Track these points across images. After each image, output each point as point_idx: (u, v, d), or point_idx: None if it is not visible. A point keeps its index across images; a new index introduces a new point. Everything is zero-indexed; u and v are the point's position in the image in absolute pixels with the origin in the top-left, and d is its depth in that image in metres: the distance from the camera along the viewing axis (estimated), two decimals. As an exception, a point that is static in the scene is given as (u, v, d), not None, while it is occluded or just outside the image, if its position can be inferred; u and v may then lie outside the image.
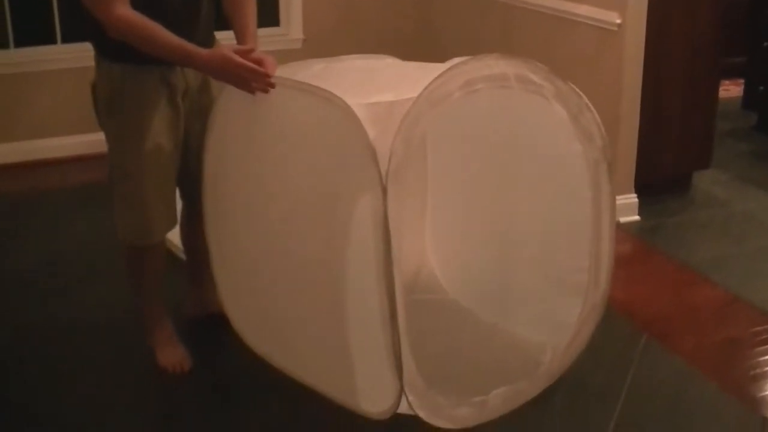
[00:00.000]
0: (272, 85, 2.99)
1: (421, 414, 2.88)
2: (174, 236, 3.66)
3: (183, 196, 3.53)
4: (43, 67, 5.79)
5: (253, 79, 2.99)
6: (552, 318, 3.33)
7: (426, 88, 2.73)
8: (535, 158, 3.30)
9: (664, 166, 5.24)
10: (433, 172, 3.81)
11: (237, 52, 3.00)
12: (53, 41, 5.84)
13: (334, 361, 3.04)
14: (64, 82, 5.72)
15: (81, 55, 3.28)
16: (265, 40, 3.24)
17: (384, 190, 2.63)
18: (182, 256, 3.89)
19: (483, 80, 2.95)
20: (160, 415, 3.35)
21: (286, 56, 3.31)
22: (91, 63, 3.24)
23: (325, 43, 6.30)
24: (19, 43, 5.80)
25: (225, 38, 3.34)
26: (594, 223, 3.18)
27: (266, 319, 3.34)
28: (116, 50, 3.07)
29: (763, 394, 3.41)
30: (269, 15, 6.23)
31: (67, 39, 5.79)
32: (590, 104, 3.10)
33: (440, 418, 2.95)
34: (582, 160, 3.12)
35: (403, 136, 2.68)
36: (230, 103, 3.15)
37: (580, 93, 3.08)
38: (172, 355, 3.52)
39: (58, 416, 3.30)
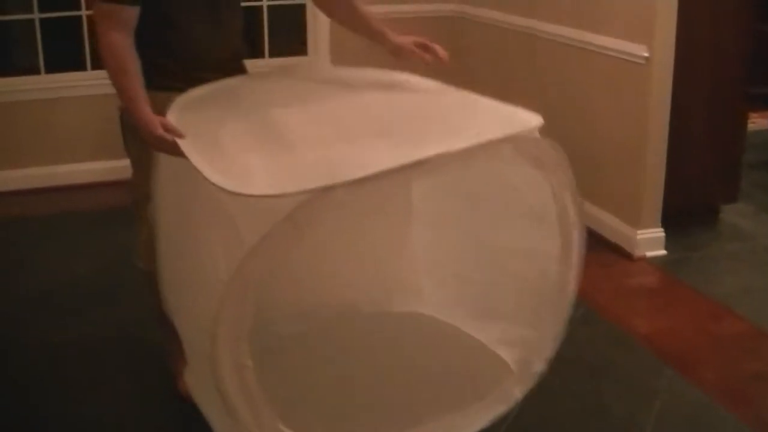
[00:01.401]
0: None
1: None
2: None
3: None
4: (73, 93, 5.85)
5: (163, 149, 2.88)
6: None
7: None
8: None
9: (691, 199, 5.23)
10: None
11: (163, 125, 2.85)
12: (83, 67, 5.90)
13: None
14: (93, 108, 5.77)
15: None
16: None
17: None
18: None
19: None
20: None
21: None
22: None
23: (353, 71, 6.34)
24: (50, 68, 5.87)
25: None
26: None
27: None
28: (155, 78, 3.05)
29: (788, 431, 3.39)
30: (297, 44, 6.26)
31: (96, 65, 5.84)
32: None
33: None
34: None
35: None
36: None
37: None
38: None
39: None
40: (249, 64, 3.36)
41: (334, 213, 2.37)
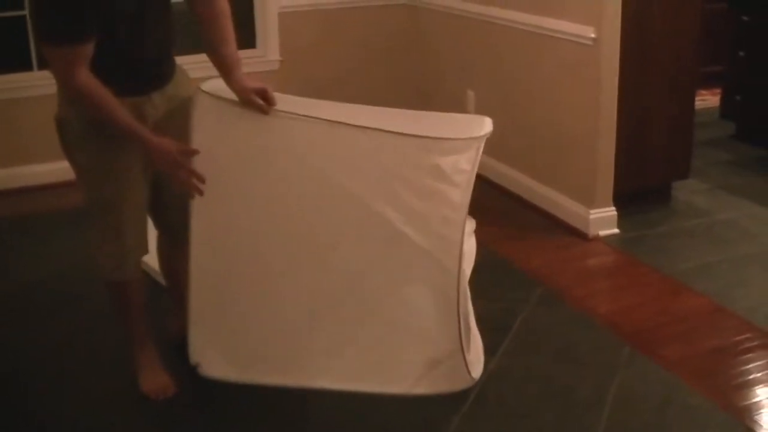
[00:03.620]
0: (200, 193, 3.07)
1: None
2: (152, 260, 3.64)
3: (159, 225, 3.53)
4: (21, 94, 5.78)
5: (185, 179, 3.06)
6: None
7: None
8: None
9: (643, 177, 5.26)
10: None
11: (180, 151, 3.05)
12: (29, 68, 5.83)
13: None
14: (41, 109, 5.68)
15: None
16: (243, 62, 3.23)
17: None
18: (161, 280, 3.87)
19: None
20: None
21: (264, 78, 3.33)
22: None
23: (303, 64, 6.34)
24: (-5, 70, 5.80)
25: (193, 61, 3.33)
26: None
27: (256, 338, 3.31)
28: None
29: (748, 402, 3.41)
30: (246, 37, 6.22)
31: (43, 65, 5.76)
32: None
33: None
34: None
35: None
36: (210, 127, 3.15)
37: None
38: (156, 381, 3.50)
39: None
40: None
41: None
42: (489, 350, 3.71)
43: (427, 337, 3.22)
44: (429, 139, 3.13)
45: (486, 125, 3.29)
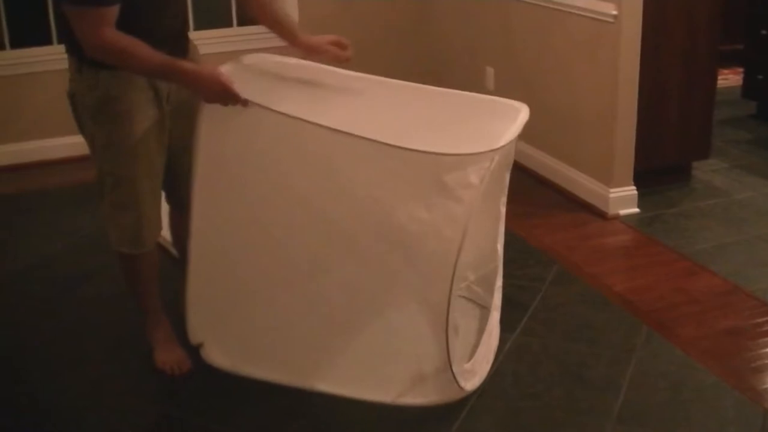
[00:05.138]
0: (245, 104, 2.98)
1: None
2: (165, 232, 3.65)
3: (170, 198, 3.54)
4: (40, 68, 5.79)
5: (231, 100, 2.98)
6: None
7: None
8: None
9: (663, 157, 5.23)
10: None
11: (226, 78, 3.00)
12: (49, 42, 5.84)
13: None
14: (60, 83, 5.70)
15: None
16: (260, 36, 3.23)
17: None
18: (175, 252, 3.88)
19: None
20: (158, 415, 3.34)
21: (282, 51, 3.30)
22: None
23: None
24: (15, 44, 5.81)
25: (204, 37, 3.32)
26: None
27: (255, 334, 3.31)
28: None
29: (764, 386, 3.39)
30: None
31: (61, 40, 5.77)
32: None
33: None
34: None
35: None
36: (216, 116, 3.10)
37: None
38: (171, 356, 3.52)
39: (54, 416, 3.30)
40: (219, 32, 3.33)
41: None
42: (507, 328, 3.72)
43: (412, 353, 3.17)
44: (434, 155, 2.96)
45: (520, 118, 3.22)
